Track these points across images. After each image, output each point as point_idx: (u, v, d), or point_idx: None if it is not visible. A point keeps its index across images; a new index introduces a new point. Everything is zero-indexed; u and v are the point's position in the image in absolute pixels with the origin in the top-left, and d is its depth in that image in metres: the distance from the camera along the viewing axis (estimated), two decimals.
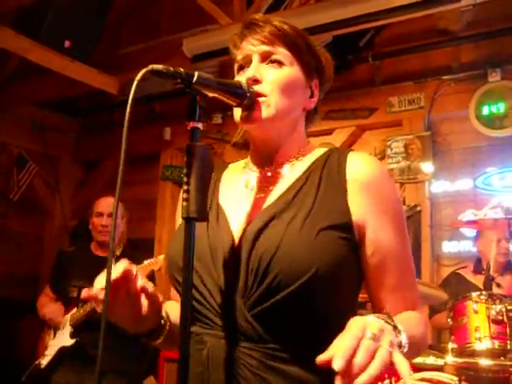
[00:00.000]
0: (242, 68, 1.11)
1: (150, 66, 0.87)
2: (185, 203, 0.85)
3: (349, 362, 0.75)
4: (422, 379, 2.53)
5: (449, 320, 2.59)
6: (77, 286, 2.63)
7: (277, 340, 0.95)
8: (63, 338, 2.67)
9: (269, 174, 1.12)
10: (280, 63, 1.08)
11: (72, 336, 2.62)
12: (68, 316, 2.69)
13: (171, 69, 0.90)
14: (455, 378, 2.50)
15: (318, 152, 1.13)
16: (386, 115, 4.30)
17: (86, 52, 3.86)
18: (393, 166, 4.18)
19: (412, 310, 1.05)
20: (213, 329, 0.98)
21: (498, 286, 3.21)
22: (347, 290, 1.03)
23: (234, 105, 1.05)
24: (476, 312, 2.47)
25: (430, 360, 2.35)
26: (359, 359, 0.75)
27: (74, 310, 2.67)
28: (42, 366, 2.63)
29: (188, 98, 0.92)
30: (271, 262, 0.94)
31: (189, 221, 0.85)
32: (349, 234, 0.99)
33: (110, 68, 4.58)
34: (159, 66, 0.88)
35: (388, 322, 0.86)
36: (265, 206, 1.05)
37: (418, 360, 2.38)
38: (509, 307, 2.35)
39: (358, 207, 1.01)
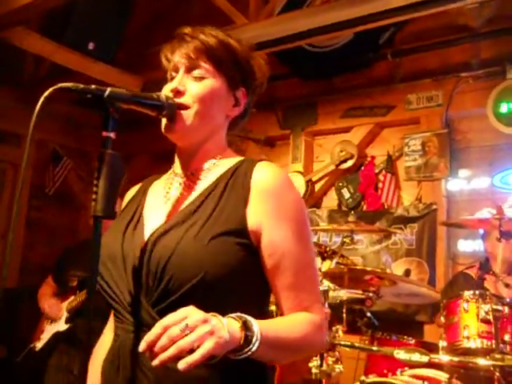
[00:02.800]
0: (172, 79, 1.21)
1: (59, 84, 0.97)
2: (93, 203, 0.96)
3: (151, 344, 0.89)
4: (414, 376, 2.57)
5: (442, 318, 2.61)
6: (76, 275, 2.81)
7: None
8: (59, 324, 2.86)
9: (185, 182, 1.22)
10: (202, 77, 1.17)
11: (66, 322, 2.80)
12: (66, 303, 2.87)
13: (80, 86, 0.99)
14: (446, 375, 2.53)
15: (233, 161, 1.22)
16: (404, 112, 4.29)
17: (109, 53, 4.04)
18: (410, 163, 4.18)
19: (305, 310, 1.11)
20: (124, 323, 1.10)
21: (507, 286, 3.18)
22: (247, 290, 1.11)
23: (154, 115, 1.14)
24: (466, 311, 2.48)
25: (416, 357, 2.38)
26: (159, 343, 0.88)
27: (72, 297, 2.85)
28: (37, 349, 2.83)
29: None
30: (166, 266, 1.05)
31: (96, 219, 0.96)
32: (245, 239, 1.08)
33: (137, 68, 4.75)
34: (68, 84, 0.98)
35: (235, 318, 0.97)
36: (174, 213, 1.16)
37: (404, 357, 2.41)
38: (495, 307, 2.35)
39: (256, 214, 1.09)
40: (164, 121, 1.17)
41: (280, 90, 4.97)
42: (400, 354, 2.42)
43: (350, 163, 4.42)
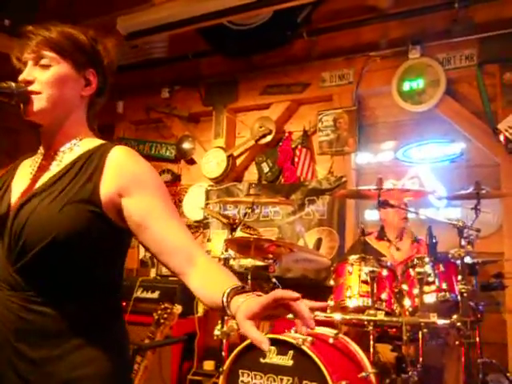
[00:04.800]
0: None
1: None
2: None
3: None
4: (308, 334, 2.80)
5: (331, 281, 2.85)
6: None
7: (33, 288, 1.24)
8: None
9: (46, 161, 1.37)
10: (48, 64, 1.33)
11: None
12: None
13: None
14: (334, 331, 2.78)
15: (93, 143, 1.38)
16: (319, 90, 4.50)
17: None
18: (323, 138, 4.40)
19: (193, 247, 1.26)
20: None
21: (398, 249, 3.47)
22: (96, 251, 1.28)
23: (7, 102, 1.28)
24: (350, 273, 2.73)
25: None
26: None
27: None
28: None
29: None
30: (23, 229, 1.22)
31: None
32: (97, 208, 1.25)
33: None
34: None
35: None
36: (36, 185, 1.32)
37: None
38: (371, 269, 2.61)
39: (110, 186, 1.27)
40: (22, 106, 1.31)
41: (203, 68, 5.10)
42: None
43: (268, 138, 4.61)
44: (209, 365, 4.18)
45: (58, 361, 1.22)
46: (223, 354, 2.83)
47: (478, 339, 2.86)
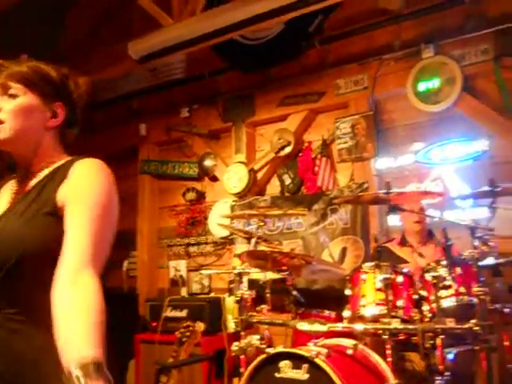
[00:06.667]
0: None
1: None
2: None
3: None
4: (323, 345, 2.75)
5: (348, 290, 2.78)
6: None
7: (10, 306, 1.25)
8: None
9: (23, 182, 1.43)
10: (15, 95, 1.39)
11: None
12: None
13: None
14: (353, 342, 2.71)
15: (63, 161, 1.42)
16: (334, 97, 4.46)
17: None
18: (341, 145, 4.35)
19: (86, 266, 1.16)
20: None
21: (421, 255, 3.36)
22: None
23: None
24: (364, 281, 2.66)
25: (316, 327, 2.56)
26: None
27: None
28: None
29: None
30: None
31: None
32: (57, 219, 1.27)
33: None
34: None
35: None
36: (8, 206, 1.38)
37: (306, 328, 2.59)
38: (385, 276, 2.53)
39: (63, 193, 1.30)
40: None
41: (221, 85, 5.14)
42: (303, 326, 2.60)
43: (287, 150, 4.59)
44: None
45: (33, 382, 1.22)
46: (241, 370, 2.80)
47: (507, 343, 2.74)
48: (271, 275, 3.27)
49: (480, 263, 2.57)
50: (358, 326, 2.55)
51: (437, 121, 4.03)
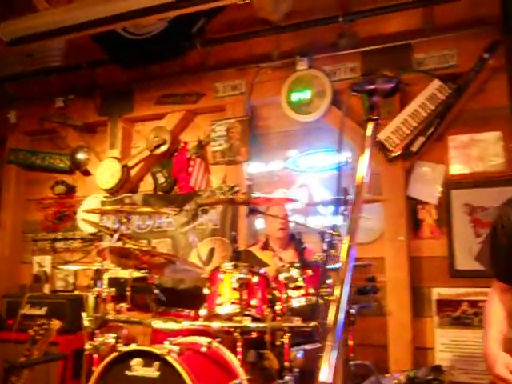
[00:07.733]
0: None
1: None
2: None
3: None
4: (178, 343, 2.76)
5: (206, 289, 2.82)
6: None
7: None
8: None
9: None
10: None
11: None
12: None
13: None
14: (208, 340, 2.75)
15: None
16: (212, 100, 4.51)
17: None
18: (216, 148, 4.42)
19: None
20: None
21: (281, 259, 3.50)
22: None
23: None
24: (222, 281, 2.72)
25: (170, 325, 2.58)
26: None
27: None
28: None
29: None
30: None
31: None
32: None
33: None
34: None
35: None
36: None
37: (161, 326, 2.61)
38: (239, 276, 2.61)
39: None
40: None
41: (99, 77, 5.00)
42: (158, 324, 2.61)
43: (163, 149, 4.57)
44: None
45: None
46: (93, 369, 2.73)
47: (351, 342, 2.94)
48: (135, 274, 3.23)
49: (330, 266, 2.73)
50: (213, 324, 2.59)
51: (308, 130, 4.22)
